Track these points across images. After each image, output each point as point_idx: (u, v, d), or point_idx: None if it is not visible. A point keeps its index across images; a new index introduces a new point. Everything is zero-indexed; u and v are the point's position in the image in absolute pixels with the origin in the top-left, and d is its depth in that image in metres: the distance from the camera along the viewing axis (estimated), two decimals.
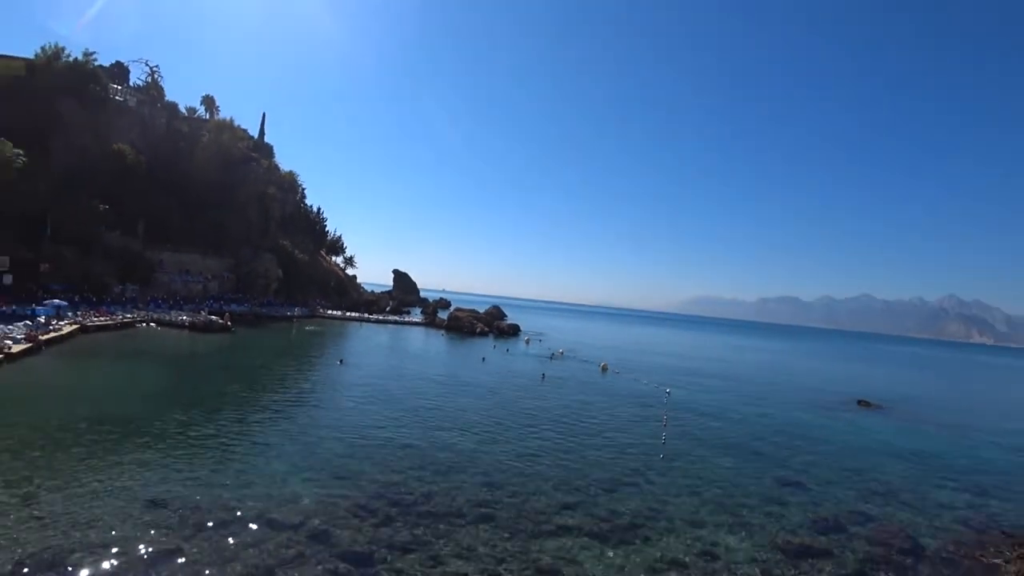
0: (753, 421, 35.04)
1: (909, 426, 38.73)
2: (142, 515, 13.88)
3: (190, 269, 75.63)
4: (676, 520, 17.15)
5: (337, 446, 21.45)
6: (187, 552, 12.38)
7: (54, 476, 15.79)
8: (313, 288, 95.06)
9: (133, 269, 65.46)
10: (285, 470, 18.17)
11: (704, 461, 24.51)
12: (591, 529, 15.81)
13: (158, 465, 17.49)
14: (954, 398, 62.97)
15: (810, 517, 18.58)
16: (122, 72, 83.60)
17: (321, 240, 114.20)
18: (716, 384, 52.83)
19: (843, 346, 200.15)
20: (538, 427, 28.02)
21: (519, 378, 44.70)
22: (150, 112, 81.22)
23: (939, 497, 22.54)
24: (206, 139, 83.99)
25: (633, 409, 35.35)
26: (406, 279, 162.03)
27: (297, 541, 13.37)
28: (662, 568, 13.96)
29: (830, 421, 37.82)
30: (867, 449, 30.10)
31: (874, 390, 56.30)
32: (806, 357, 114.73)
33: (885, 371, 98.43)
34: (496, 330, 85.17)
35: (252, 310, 74.32)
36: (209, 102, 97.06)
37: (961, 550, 16.96)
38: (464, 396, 34.56)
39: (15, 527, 12.70)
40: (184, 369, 35.89)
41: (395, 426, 25.47)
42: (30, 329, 37.05)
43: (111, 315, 51.33)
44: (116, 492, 15.11)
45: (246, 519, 14.21)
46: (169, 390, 28.89)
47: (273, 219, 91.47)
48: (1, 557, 11.48)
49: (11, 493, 14.41)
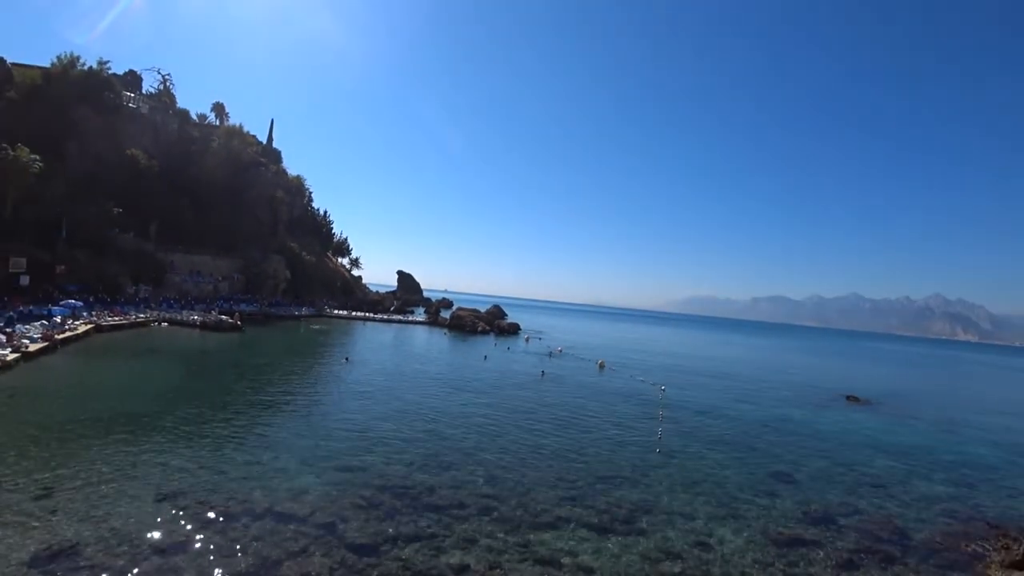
0: (746, 417, 35.52)
1: (896, 421, 39.23)
2: (154, 508, 14.42)
3: (201, 270, 76.87)
4: (672, 512, 17.63)
5: (343, 441, 22.09)
6: (196, 544, 12.86)
7: (69, 470, 16.36)
8: (320, 288, 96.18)
9: (146, 270, 66.66)
10: (293, 464, 18.78)
11: (699, 456, 25.00)
12: (589, 521, 16.30)
13: (170, 459, 18.10)
14: (940, 394, 63.31)
15: (801, 509, 19.04)
16: (135, 80, 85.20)
17: (328, 242, 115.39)
18: (710, 381, 53.34)
19: (832, 343, 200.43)
20: (538, 423, 28.59)
21: (519, 375, 45.30)
22: (162, 119, 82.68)
23: (926, 490, 23.00)
24: (216, 144, 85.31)
25: (630, 406, 35.85)
26: (410, 279, 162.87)
27: (304, 533, 13.85)
28: (658, 559, 14.39)
29: (820, 416, 38.29)
30: (856, 444, 30.55)
31: (862, 386, 56.90)
32: (797, 354, 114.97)
33: (873, 368, 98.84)
34: (497, 329, 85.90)
35: (261, 310, 75.41)
36: (219, 109, 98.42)
37: (947, 541, 17.39)
38: (466, 392, 35.19)
39: (31, 520, 13.20)
40: (195, 367, 36.72)
41: (399, 422, 26.09)
42: (46, 328, 38.07)
43: (125, 315, 52.44)
44: (129, 486, 15.67)
45: (255, 512, 14.75)
46: (181, 387, 29.65)
47: (281, 222, 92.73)
48: (18, 548, 11.92)
49: (28, 487, 14.95)
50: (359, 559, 12.96)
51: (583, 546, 14.73)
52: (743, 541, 15.96)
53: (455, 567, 13.05)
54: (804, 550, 15.75)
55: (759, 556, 15.10)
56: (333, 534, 14.02)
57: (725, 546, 15.55)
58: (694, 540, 15.72)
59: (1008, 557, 15.55)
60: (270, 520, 14.40)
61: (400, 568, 12.80)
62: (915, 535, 17.75)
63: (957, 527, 18.80)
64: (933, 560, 16.00)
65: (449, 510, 16.20)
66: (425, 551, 13.65)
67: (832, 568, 14.84)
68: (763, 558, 15.01)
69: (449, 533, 14.73)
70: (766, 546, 15.78)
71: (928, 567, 15.48)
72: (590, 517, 16.63)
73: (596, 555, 14.29)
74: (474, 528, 15.19)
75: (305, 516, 14.79)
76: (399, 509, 15.92)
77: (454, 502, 16.83)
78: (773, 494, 20.44)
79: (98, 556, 11.94)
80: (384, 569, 12.69)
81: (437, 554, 13.56)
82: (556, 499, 17.86)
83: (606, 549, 14.70)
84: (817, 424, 35.17)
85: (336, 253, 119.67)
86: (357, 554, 13.15)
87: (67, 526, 13.07)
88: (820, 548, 15.99)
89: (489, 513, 16.28)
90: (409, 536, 14.34)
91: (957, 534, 18.04)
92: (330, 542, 13.58)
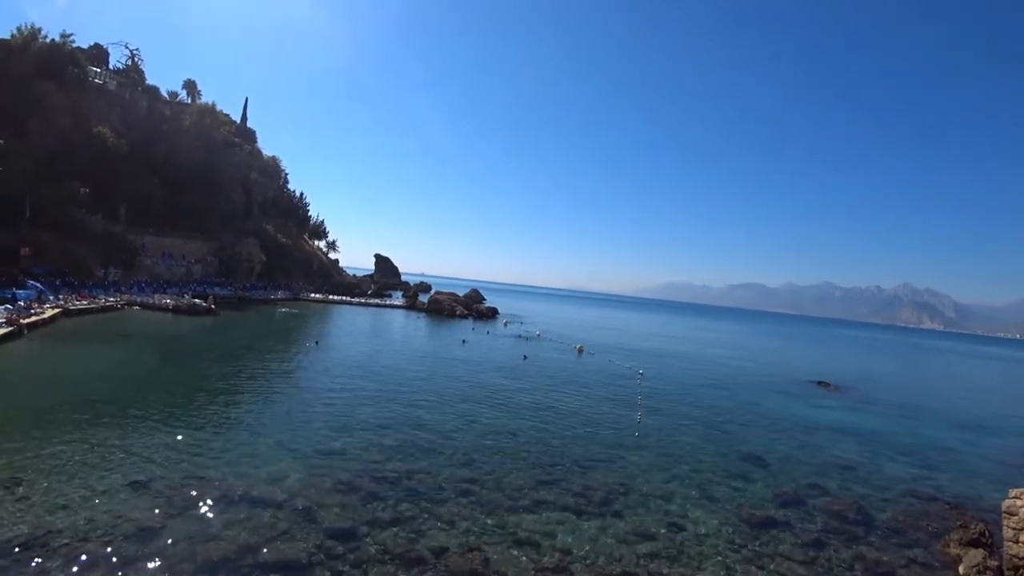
0: (721, 401, 36.27)
1: (864, 405, 40.56)
2: (127, 495, 14.14)
3: (173, 253, 75.15)
4: (647, 495, 17.97)
5: (321, 425, 21.95)
6: (172, 530, 12.64)
7: (38, 458, 15.92)
8: (296, 271, 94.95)
9: (115, 253, 64.87)
10: (270, 449, 18.62)
11: (674, 439, 25.47)
12: (567, 503, 16.54)
13: (142, 446, 17.75)
14: (905, 380, 65.81)
15: (772, 491, 19.58)
16: (101, 55, 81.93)
17: (304, 224, 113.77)
18: (687, 365, 54.31)
19: (805, 330, 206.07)
20: (517, 406, 28.78)
21: (498, 359, 45.45)
22: (131, 95, 79.88)
23: (890, 472, 23.87)
24: (188, 123, 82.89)
25: (608, 389, 36.30)
26: (388, 263, 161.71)
27: (282, 518, 13.75)
28: (633, 540, 14.67)
29: (791, 401, 39.34)
30: (825, 427, 31.48)
31: (832, 372, 58.51)
32: (771, 340, 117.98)
33: (843, 354, 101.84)
34: (475, 313, 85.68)
35: (236, 293, 74.23)
36: (191, 86, 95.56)
37: (909, 520, 18.11)
38: (445, 377, 35.17)
39: (0, 510, 12.84)
40: (168, 351, 36.02)
41: (378, 406, 25.99)
42: (11, 313, 36.90)
43: (94, 298, 51.10)
44: (100, 473, 15.33)
45: (231, 497, 14.58)
46: (153, 372, 29.09)
47: (256, 203, 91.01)
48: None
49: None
50: (337, 544, 12.93)
51: (561, 528, 14.94)
52: (716, 522, 16.37)
53: (434, 549, 13.12)
54: (775, 531, 16.23)
55: (731, 536, 15.51)
56: (311, 519, 13.96)
57: (699, 527, 15.94)
58: (669, 521, 16.07)
59: (966, 535, 16.23)
60: (247, 506, 14.27)
61: (379, 552, 12.83)
62: (879, 515, 18.42)
63: (919, 507, 19.57)
64: (896, 539, 16.64)
65: (427, 494, 16.25)
66: (404, 535, 13.70)
67: (801, 547, 15.32)
68: (735, 538, 15.42)
69: (428, 516, 14.79)
70: (738, 527, 16.22)
71: (891, 545, 16.09)
72: (568, 500, 16.86)
73: (573, 537, 14.51)
74: (452, 511, 15.27)
75: (283, 501, 14.69)
76: (377, 493, 15.92)
77: (433, 486, 16.90)
78: (745, 476, 20.98)
79: (70, 545, 11.68)
80: (363, 553, 12.70)
81: (416, 537, 13.62)
82: (534, 482, 18.04)
83: (583, 531, 14.93)
84: (789, 409, 36.09)
85: (312, 236, 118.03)
86: (335, 539, 13.13)
87: (37, 515, 12.73)
88: (789, 528, 16.49)
89: (467, 496, 16.39)
90: (388, 520, 14.36)
91: (918, 514, 18.79)
92: (308, 527, 13.53)
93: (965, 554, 15.00)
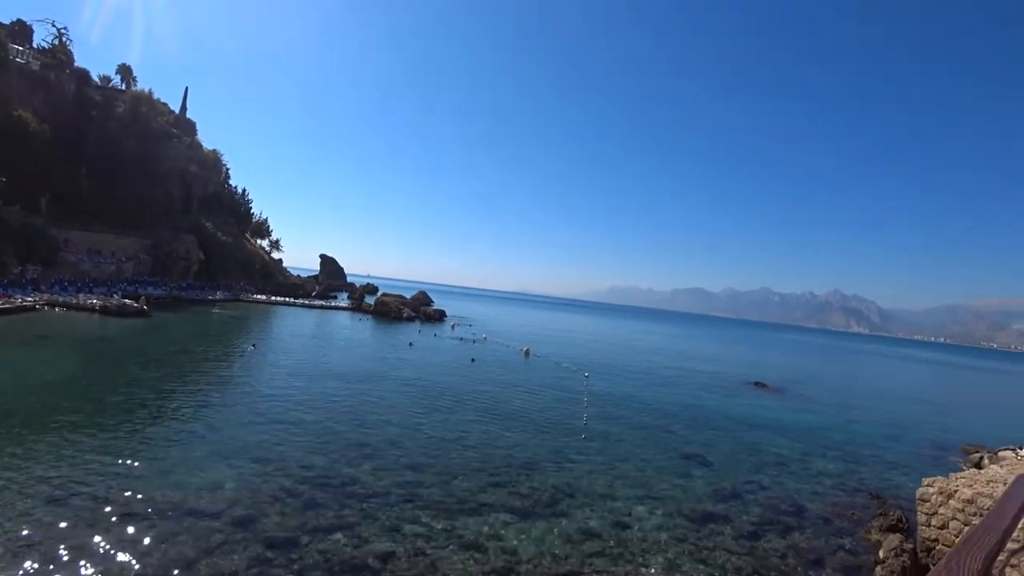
0: (664, 402, 37.34)
1: (798, 405, 42.82)
2: (49, 513, 13.16)
3: (102, 249, 70.55)
4: (592, 495, 18.29)
5: (259, 431, 21.17)
6: (100, 547, 11.91)
7: None
8: (237, 271, 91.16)
9: (35, 248, 60.39)
10: (205, 457, 17.82)
11: (618, 440, 26.02)
12: (513, 505, 16.60)
13: (65, 458, 16.59)
14: (835, 380, 69.70)
15: (712, 487, 20.35)
16: (24, 31, 75.99)
17: (246, 222, 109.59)
18: (631, 367, 55.65)
19: (744, 333, 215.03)
20: (463, 410, 28.65)
21: (445, 362, 45.14)
22: (57, 77, 74.28)
23: (820, 466, 25.31)
24: (121, 110, 78.18)
25: (554, 391, 36.67)
26: (333, 264, 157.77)
27: (220, 529, 13.22)
28: (579, 539, 14.90)
29: (731, 402, 40.94)
30: (762, 426, 32.94)
31: (769, 374, 61.40)
32: (712, 343, 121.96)
33: (779, 357, 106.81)
34: (423, 315, 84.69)
35: (171, 293, 70.58)
36: (125, 71, 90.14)
37: (836, 511, 19.33)
38: (391, 380, 34.60)
39: None
40: (94, 355, 33.80)
41: (320, 411, 25.32)
42: None
43: (9, 298, 47.43)
44: (16, 490, 14.18)
45: (164, 509, 13.89)
46: (77, 377, 27.19)
47: (195, 198, 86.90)
48: None
49: None
50: (280, 552, 12.54)
51: (507, 530, 15.00)
52: (659, 519, 16.87)
53: (380, 555, 12.92)
54: (714, 524, 16.91)
55: (673, 532, 16.03)
56: (251, 529, 13.47)
57: (643, 524, 16.38)
58: (613, 520, 16.41)
59: (885, 522, 17.50)
60: (182, 517, 13.61)
61: (323, 560, 12.51)
62: (810, 507, 19.51)
63: (845, 498, 20.87)
64: (825, 528, 17.70)
65: (372, 499, 15.98)
66: (348, 541, 13.42)
67: (739, 539, 16.04)
68: (677, 533, 15.95)
69: (373, 522, 14.55)
70: (680, 522, 16.79)
71: (820, 534, 17.12)
72: (514, 501, 16.94)
73: (520, 538, 14.60)
74: (398, 516, 15.07)
75: (220, 511, 14.11)
76: (320, 500, 15.53)
77: (377, 491, 16.62)
78: (687, 474, 21.71)
79: None
80: (306, 562, 12.35)
81: (361, 544, 13.38)
82: (481, 485, 18.05)
83: (530, 532, 15.04)
84: (728, 409, 37.53)
85: (255, 234, 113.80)
86: (277, 548, 12.71)
87: None
88: (728, 522, 17.22)
89: (413, 501, 16.21)
90: (331, 527, 14.04)
91: (845, 504, 20.04)
92: (248, 537, 13.04)
93: (884, 539, 16.10)
